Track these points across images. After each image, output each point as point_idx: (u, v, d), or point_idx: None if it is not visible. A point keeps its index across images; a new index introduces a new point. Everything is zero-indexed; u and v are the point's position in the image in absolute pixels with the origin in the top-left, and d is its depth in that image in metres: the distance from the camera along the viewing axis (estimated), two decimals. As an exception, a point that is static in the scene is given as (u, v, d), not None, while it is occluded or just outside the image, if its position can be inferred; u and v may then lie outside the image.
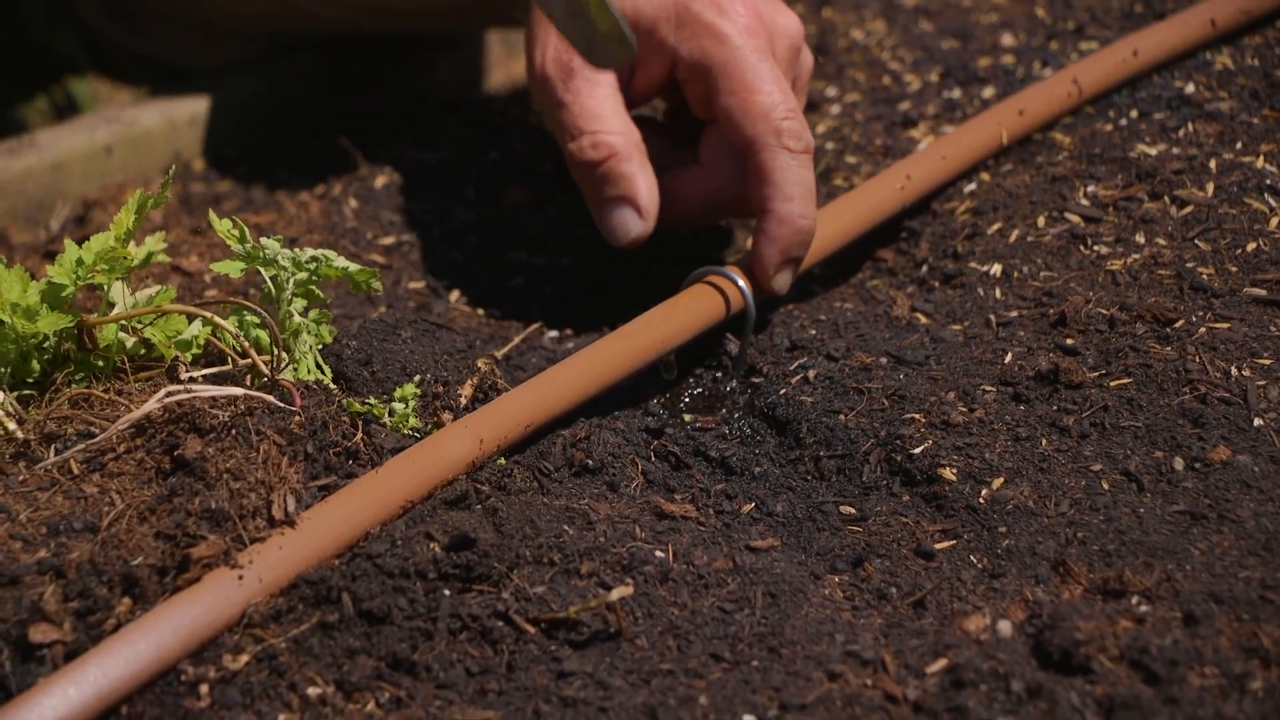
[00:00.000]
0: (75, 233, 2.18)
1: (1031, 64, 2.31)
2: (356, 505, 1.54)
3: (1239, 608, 1.50)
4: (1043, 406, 1.75)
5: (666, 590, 1.51)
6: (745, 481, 1.73)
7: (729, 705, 1.42)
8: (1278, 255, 1.90)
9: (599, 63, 1.80)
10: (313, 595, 1.47)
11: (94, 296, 1.90)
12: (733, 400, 1.86)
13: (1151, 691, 1.42)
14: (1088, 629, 1.47)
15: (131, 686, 1.41)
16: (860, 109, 2.29)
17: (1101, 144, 2.09)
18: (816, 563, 1.61)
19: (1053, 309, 1.86)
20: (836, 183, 2.14)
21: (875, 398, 1.78)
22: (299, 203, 2.13)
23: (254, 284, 1.89)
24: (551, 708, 1.41)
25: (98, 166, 2.34)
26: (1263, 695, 1.42)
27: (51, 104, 3.14)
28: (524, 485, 1.63)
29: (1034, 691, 1.43)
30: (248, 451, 1.54)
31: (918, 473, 1.69)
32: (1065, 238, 1.96)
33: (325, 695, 1.42)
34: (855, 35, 2.47)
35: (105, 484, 1.54)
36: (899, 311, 1.91)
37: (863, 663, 1.46)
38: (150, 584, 1.47)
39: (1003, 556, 1.60)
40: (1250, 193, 1.99)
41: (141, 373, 1.69)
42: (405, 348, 1.83)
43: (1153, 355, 1.78)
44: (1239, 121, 2.11)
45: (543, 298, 2.00)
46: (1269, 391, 1.73)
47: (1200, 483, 1.65)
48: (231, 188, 2.31)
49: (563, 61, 1.94)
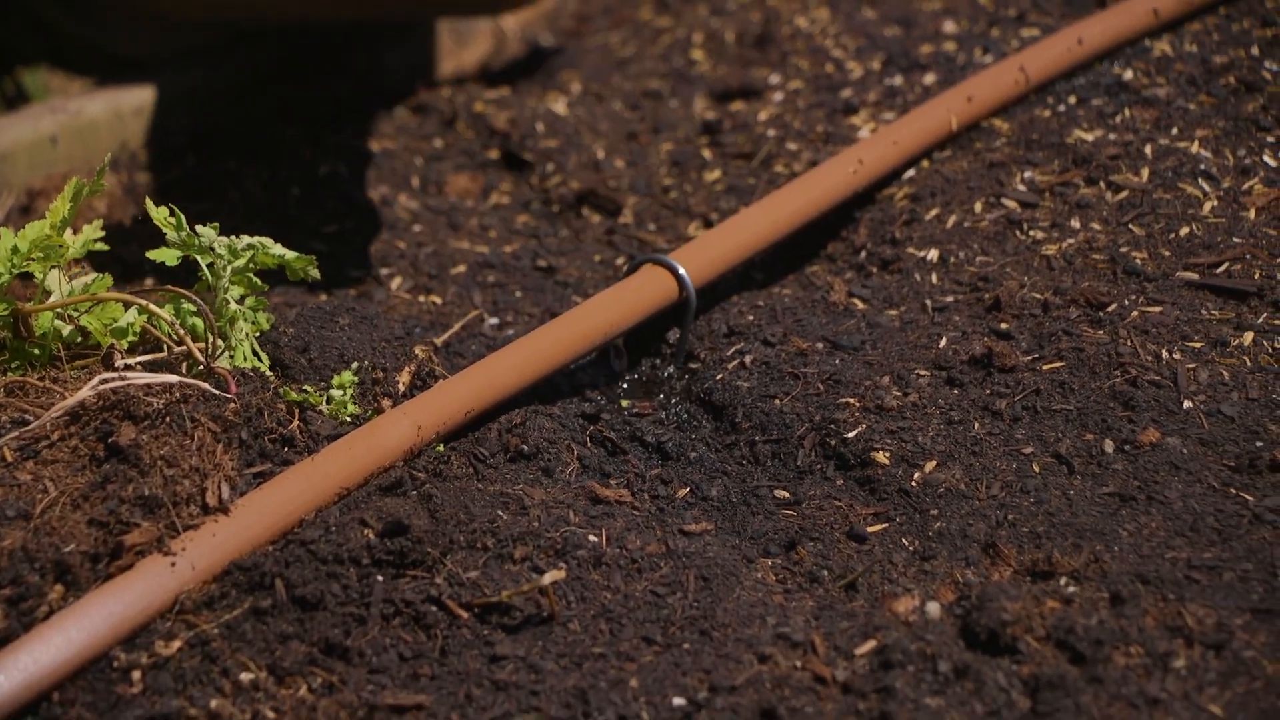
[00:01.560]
0: (20, 222, 2.18)
1: (973, 51, 2.31)
2: (291, 492, 1.54)
3: (1165, 588, 1.51)
4: (976, 390, 1.76)
5: (599, 574, 1.52)
6: (681, 466, 1.74)
7: (659, 688, 1.42)
8: (1210, 239, 1.90)
9: None
10: (246, 581, 1.48)
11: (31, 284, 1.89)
12: (670, 386, 1.87)
13: (1077, 671, 1.43)
14: (1015, 610, 1.48)
15: (64, 673, 1.41)
16: (802, 96, 2.29)
17: (1040, 130, 2.10)
18: (750, 546, 1.62)
19: (988, 294, 1.87)
20: (778, 169, 2.15)
21: (811, 382, 1.79)
22: (244, 191, 2.13)
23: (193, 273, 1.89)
24: (483, 691, 1.42)
25: (43, 156, 2.33)
26: (1186, 673, 1.43)
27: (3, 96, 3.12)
28: (460, 471, 1.63)
29: (961, 672, 1.44)
30: (182, 438, 1.54)
31: (851, 457, 1.70)
32: (1002, 223, 1.96)
33: (258, 680, 1.42)
34: (799, 23, 2.47)
35: (39, 471, 1.53)
36: (836, 297, 1.92)
37: (793, 645, 1.47)
38: (83, 571, 1.47)
39: (934, 539, 1.61)
40: (1185, 178, 1.99)
41: (78, 360, 1.69)
42: (343, 335, 1.83)
43: (1085, 339, 1.79)
44: (1176, 107, 2.12)
45: (484, 284, 2.00)
46: (1199, 374, 1.74)
47: (1130, 465, 1.65)
48: (177, 177, 2.31)
49: None
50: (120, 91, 2.45)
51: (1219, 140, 2.06)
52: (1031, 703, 1.41)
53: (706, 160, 2.19)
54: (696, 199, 2.13)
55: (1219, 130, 2.07)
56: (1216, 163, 2.02)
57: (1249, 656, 1.44)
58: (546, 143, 2.22)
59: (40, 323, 1.69)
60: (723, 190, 2.13)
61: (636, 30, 2.64)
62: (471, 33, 2.87)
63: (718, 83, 2.35)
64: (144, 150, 2.41)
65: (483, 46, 2.85)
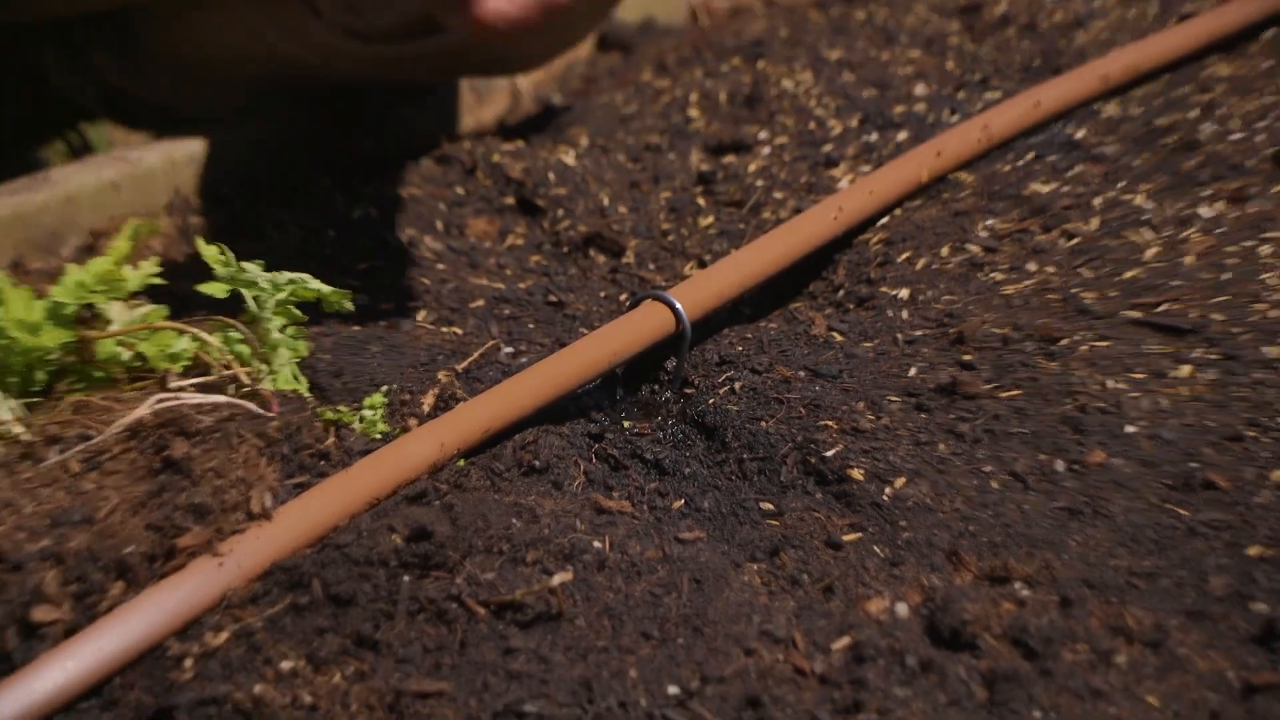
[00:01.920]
0: (85, 259, 2.19)
1: (942, 111, 2.34)
2: (327, 501, 1.55)
3: (1109, 592, 1.53)
4: (942, 415, 1.77)
5: (603, 576, 1.53)
6: (676, 480, 1.75)
7: (656, 678, 1.44)
8: (1152, 282, 1.92)
9: None
10: (286, 580, 1.49)
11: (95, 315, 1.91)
12: (667, 409, 1.88)
13: (1030, 665, 1.45)
14: (974, 611, 1.50)
15: (123, 661, 1.43)
16: (788, 150, 2.31)
17: (1000, 183, 2.12)
18: (738, 552, 1.63)
19: (953, 328, 1.89)
20: (765, 215, 2.17)
21: (794, 407, 1.80)
22: (284, 233, 2.15)
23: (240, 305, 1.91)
24: (499, 680, 1.43)
25: (106, 200, 2.35)
26: (1126, 668, 1.44)
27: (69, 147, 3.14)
28: (478, 484, 1.65)
29: (926, 665, 1.45)
30: (229, 452, 1.55)
31: (829, 473, 1.72)
32: (966, 266, 1.98)
33: (297, 668, 1.44)
34: (785, 85, 2.49)
35: (101, 481, 1.55)
36: (817, 330, 1.94)
37: (776, 640, 1.48)
38: (141, 570, 1.48)
39: (903, 547, 1.62)
40: (1129, 226, 2.01)
41: (136, 382, 1.70)
42: (374, 361, 1.84)
43: (1040, 370, 1.80)
44: (1122, 164, 2.14)
45: (501, 317, 2.02)
46: (1141, 402, 1.75)
47: (1078, 482, 1.67)
48: (225, 220, 2.33)
49: None
50: (174, 144, 2.47)
51: (1161, 193, 2.07)
52: (989, 693, 1.43)
53: (701, 207, 2.21)
54: (692, 242, 2.14)
55: (1161, 185, 2.09)
56: (1158, 214, 2.04)
57: (1182, 654, 1.46)
58: (557, 190, 2.24)
59: (102, 348, 1.70)
60: (715, 234, 2.15)
61: (638, 90, 2.66)
62: (490, 91, 2.89)
63: (711, 138, 2.37)
64: (195, 196, 2.43)
65: (500, 104, 2.87)
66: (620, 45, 3.11)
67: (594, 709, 1.41)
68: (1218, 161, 2.12)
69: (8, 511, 1.51)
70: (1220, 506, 1.63)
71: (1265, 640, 1.47)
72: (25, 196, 2.29)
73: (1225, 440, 1.71)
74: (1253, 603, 1.52)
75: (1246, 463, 1.68)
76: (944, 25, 2.66)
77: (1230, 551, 1.58)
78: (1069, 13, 2.59)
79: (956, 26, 2.65)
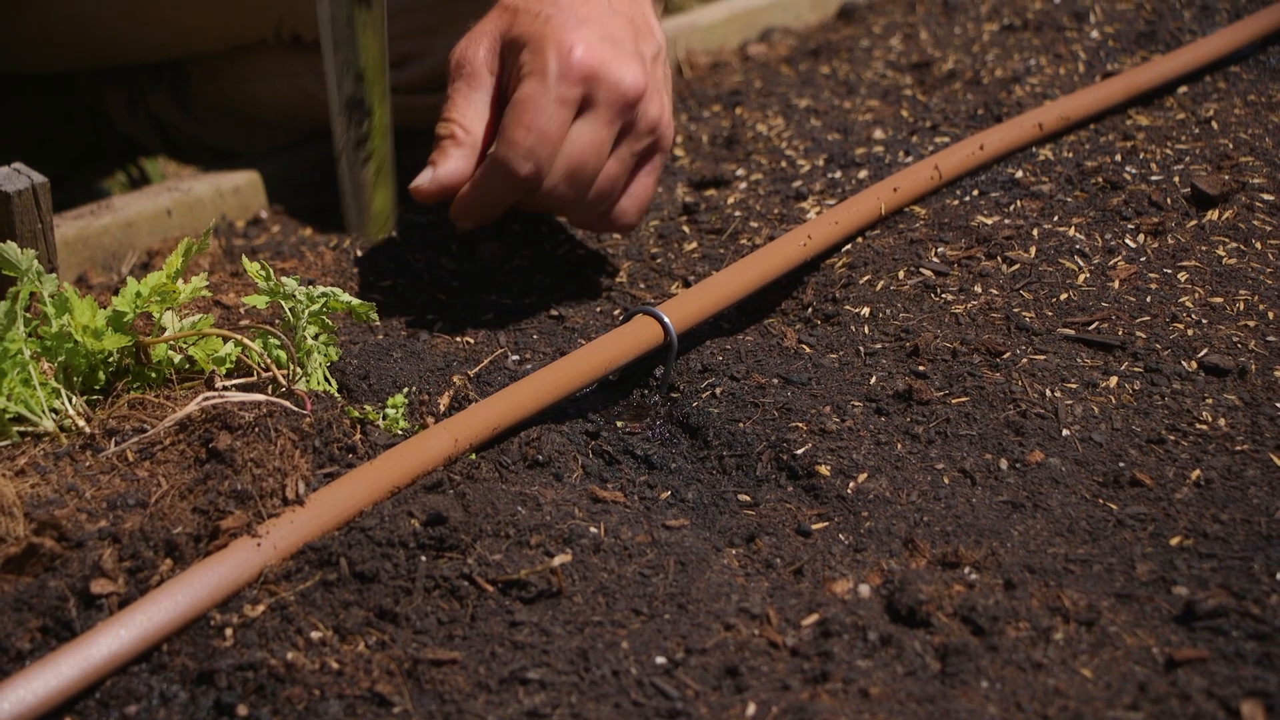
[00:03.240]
0: (141, 275, 2.17)
1: (897, 153, 2.32)
2: (354, 489, 1.53)
3: (1047, 576, 1.51)
4: (899, 418, 1.75)
5: (598, 558, 1.51)
6: (663, 474, 1.73)
7: (645, 649, 1.41)
8: (1084, 303, 1.90)
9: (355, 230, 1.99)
10: (317, 559, 1.47)
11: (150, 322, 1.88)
12: (655, 411, 1.86)
13: (978, 641, 1.43)
14: (929, 592, 1.48)
15: (171, 629, 1.40)
16: (762, 185, 2.29)
17: (950, 215, 2.10)
18: (718, 538, 1.61)
19: (909, 342, 1.87)
20: (743, 242, 2.14)
21: (768, 410, 1.78)
22: (317, 253, 2.12)
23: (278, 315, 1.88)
24: (505, 649, 1.41)
25: (160, 225, 2.33)
26: (1063, 644, 1.42)
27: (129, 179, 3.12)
28: (488, 475, 1.62)
29: (886, 640, 1.43)
30: (268, 445, 1.53)
31: (800, 469, 1.69)
32: (920, 287, 1.96)
33: (325, 638, 1.41)
34: (760, 128, 2.47)
35: (154, 469, 1.53)
36: (788, 343, 1.91)
37: (751, 617, 1.46)
38: (187, 548, 1.46)
39: (865, 535, 1.60)
40: (1063, 255, 2.00)
41: (185, 383, 1.68)
42: (396, 366, 1.82)
43: (985, 379, 1.79)
44: (1056, 200, 2.12)
45: (508, 329, 2.00)
46: (1075, 409, 1.73)
47: (1020, 479, 1.65)
48: (265, 242, 2.30)
49: (463, 61, 1.91)
50: (221, 175, 2.45)
51: (1090, 226, 2.06)
52: (942, 665, 1.41)
53: (686, 234, 2.19)
54: (678, 264, 2.12)
55: (1090, 218, 2.07)
56: (1088, 243, 2.02)
57: (1113, 631, 1.44)
58: (558, 219, 2.22)
59: (157, 352, 1.68)
60: (699, 258, 2.13)
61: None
62: (500, 132, 2.86)
63: (695, 174, 2.35)
64: (239, 221, 2.40)
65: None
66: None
67: (590, 676, 1.38)
68: (1139, 199, 2.10)
69: (71, 496, 1.49)
70: (1145, 501, 1.61)
71: (1186, 620, 1.45)
72: (89, 220, 2.27)
73: (1149, 443, 1.69)
74: (1175, 586, 1.50)
75: (1168, 463, 1.66)
76: (899, 79, 2.64)
77: (1154, 541, 1.56)
78: (1008, 70, 2.58)
79: (910, 80, 2.63)
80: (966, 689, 1.37)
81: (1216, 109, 2.35)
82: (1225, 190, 2.10)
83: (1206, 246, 2.00)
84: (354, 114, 1.99)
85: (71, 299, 1.61)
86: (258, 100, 2.57)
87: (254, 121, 2.63)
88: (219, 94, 2.60)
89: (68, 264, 2.20)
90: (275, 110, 2.57)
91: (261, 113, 2.59)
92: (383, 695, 1.36)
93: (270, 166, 2.51)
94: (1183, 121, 2.33)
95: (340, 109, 1.99)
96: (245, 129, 2.66)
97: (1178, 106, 2.38)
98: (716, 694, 1.37)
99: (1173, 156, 2.21)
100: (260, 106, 2.58)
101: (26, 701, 1.31)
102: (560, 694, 1.36)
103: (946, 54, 2.68)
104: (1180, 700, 1.35)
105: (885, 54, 2.76)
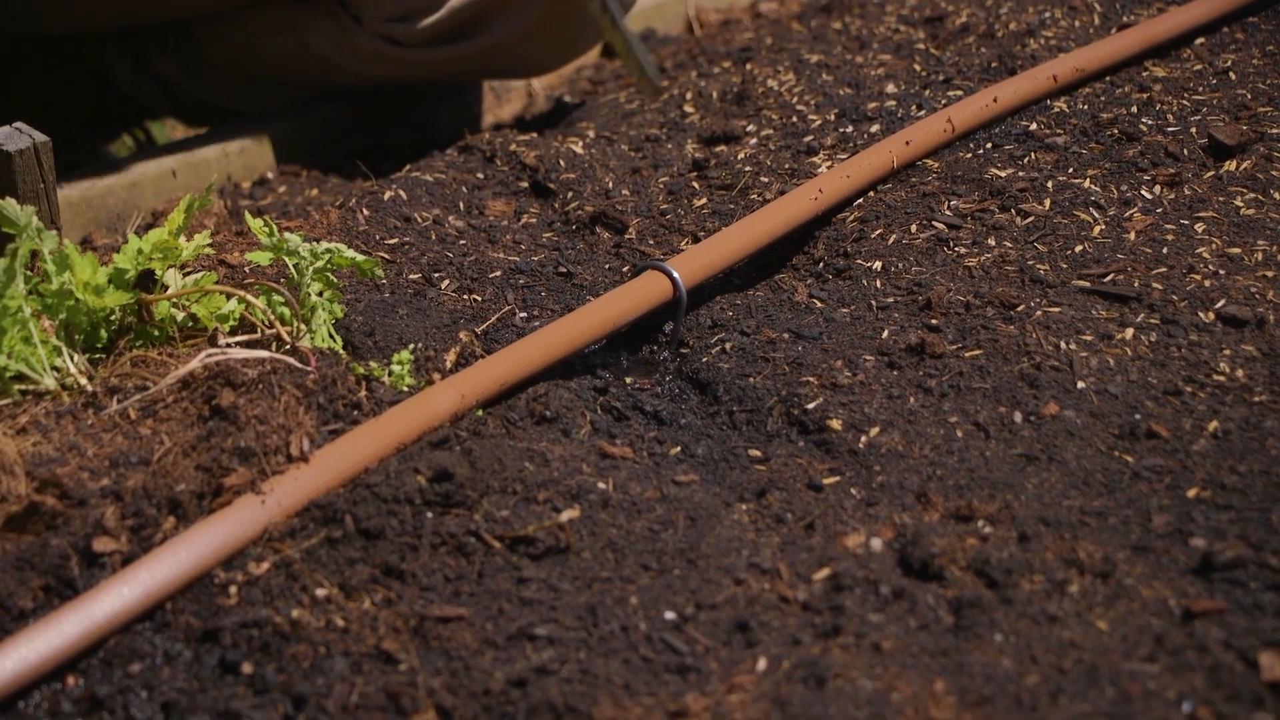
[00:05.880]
0: (145, 237, 2.15)
1: (910, 107, 2.29)
2: (359, 445, 1.52)
3: (1062, 529, 1.49)
4: (911, 372, 1.73)
5: (607, 514, 1.49)
6: (673, 430, 1.71)
7: (654, 604, 1.40)
8: (1099, 255, 1.88)
9: None
10: (321, 516, 1.45)
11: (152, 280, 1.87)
12: (665, 366, 1.84)
13: (992, 594, 1.41)
14: (942, 545, 1.46)
15: (175, 587, 1.40)
16: (773, 141, 2.26)
17: (963, 169, 2.08)
18: (728, 494, 1.59)
19: (921, 296, 1.85)
20: (753, 197, 2.12)
21: (778, 364, 1.76)
22: (323, 212, 2.10)
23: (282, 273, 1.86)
24: (513, 606, 1.39)
25: (165, 185, 2.31)
26: (1078, 596, 1.41)
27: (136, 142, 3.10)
28: (495, 431, 1.61)
29: (898, 594, 1.42)
30: (271, 402, 1.51)
31: (811, 424, 1.67)
32: (933, 241, 1.94)
33: (330, 595, 1.40)
34: (771, 84, 2.45)
35: (157, 427, 1.51)
36: (799, 298, 1.89)
37: (762, 571, 1.45)
38: (191, 506, 1.45)
39: (877, 490, 1.58)
40: (1078, 207, 1.97)
41: (189, 340, 1.67)
42: (402, 322, 1.81)
43: (999, 332, 1.76)
44: (1071, 152, 2.09)
45: (516, 286, 1.98)
46: (1090, 361, 1.71)
47: (1034, 432, 1.63)
48: (271, 202, 2.28)
49: None
50: (226, 135, 2.43)
51: (1105, 178, 2.03)
52: (955, 618, 1.39)
53: (695, 190, 2.16)
54: (687, 220, 2.10)
55: (1105, 170, 2.05)
56: (1104, 195, 1.99)
57: (1129, 584, 1.42)
58: (567, 175, 2.20)
59: (159, 310, 1.66)
60: (708, 214, 2.11)
61: (639, 90, 2.61)
62: (508, 92, 2.85)
63: (705, 130, 2.33)
64: (244, 181, 2.39)
65: (517, 103, 2.83)
66: (624, 53, 3.05)
67: (598, 632, 1.37)
68: (1156, 150, 2.07)
69: (73, 454, 1.48)
70: (1162, 453, 1.59)
71: (1203, 572, 1.43)
72: (93, 182, 2.26)
73: (1165, 394, 1.67)
74: (1192, 538, 1.48)
75: (1185, 414, 1.64)
76: (911, 34, 2.61)
77: (1171, 493, 1.54)
78: (1022, 23, 2.54)
79: (922, 35, 2.60)
80: (980, 642, 1.36)
81: (1234, 59, 2.32)
82: (1243, 140, 2.07)
83: (1224, 197, 1.98)
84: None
85: (72, 256, 1.59)
86: (264, 59, 2.55)
87: (261, 81, 2.61)
88: (225, 54, 2.58)
89: (72, 225, 2.18)
90: (282, 69, 2.55)
91: (268, 72, 2.57)
92: (389, 652, 1.35)
93: (277, 127, 2.49)
94: (1200, 72, 2.30)
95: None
96: (252, 89, 2.64)
97: (1195, 57, 2.35)
98: (727, 649, 1.36)
99: (1190, 107, 2.18)
100: (267, 66, 2.56)
101: (29, 660, 1.31)
102: (568, 650, 1.35)
103: (960, 8, 2.65)
104: (1197, 652, 1.33)
105: (898, 8, 2.73)
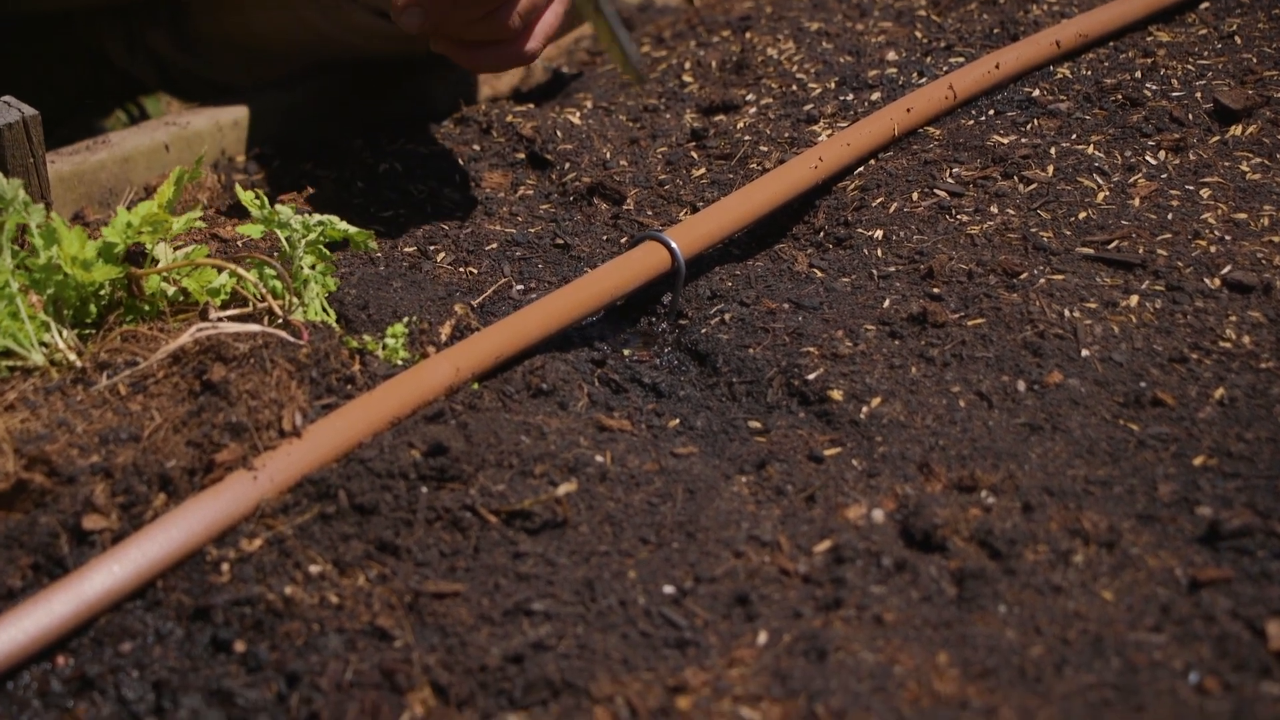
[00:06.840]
0: (138, 212, 2.13)
1: (911, 74, 2.26)
2: (352, 420, 1.50)
3: (1067, 499, 1.47)
4: (913, 341, 1.71)
5: (604, 487, 1.48)
6: (672, 402, 1.69)
7: (653, 578, 1.39)
8: (1103, 222, 1.86)
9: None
10: (315, 492, 1.44)
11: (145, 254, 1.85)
12: (663, 338, 1.83)
13: (995, 565, 1.40)
14: (944, 515, 1.44)
15: (166, 565, 1.38)
16: (772, 109, 2.24)
17: (965, 136, 2.05)
18: (728, 466, 1.58)
19: (923, 265, 1.83)
20: (752, 166, 2.10)
21: (778, 335, 1.74)
22: (318, 187, 2.08)
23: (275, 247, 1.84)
24: (509, 581, 1.38)
25: (158, 159, 2.29)
26: (1083, 566, 1.39)
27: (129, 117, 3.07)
28: (491, 405, 1.59)
29: (900, 565, 1.40)
30: (263, 376, 1.50)
31: (811, 395, 1.66)
32: (934, 209, 1.92)
33: (324, 572, 1.39)
34: (770, 52, 2.42)
35: (147, 402, 1.50)
36: (799, 268, 1.87)
37: (762, 544, 1.43)
38: (182, 483, 1.43)
39: (878, 460, 1.56)
40: (1082, 173, 1.95)
41: (179, 315, 1.65)
42: (396, 295, 1.79)
43: (1002, 300, 1.75)
44: (1074, 118, 2.07)
45: (512, 258, 1.96)
46: (1094, 329, 1.69)
47: (1038, 401, 1.61)
48: (264, 176, 2.26)
49: None
50: (219, 109, 2.40)
51: (1109, 144, 2.01)
52: (958, 590, 1.38)
53: (694, 160, 2.14)
54: (685, 190, 2.08)
55: (1109, 136, 2.03)
56: (1107, 161, 1.97)
57: (1134, 553, 1.41)
58: (564, 146, 2.18)
59: (149, 284, 1.65)
60: (707, 184, 2.09)
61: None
62: (504, 65, 2.81)
63: (704, 100, 2.30)
64: (238, 156, 2.37)
65: (514, 74, 2.80)
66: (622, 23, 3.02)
67: (596, 607, 1.36)
68: (1160, 115, 2.05)
69: (61, 430, 1.46)
70: (1167, 421, 1.58)
71: (1209, 540, 1.42)
72: (85, 156, 2.23)
73: (1171, 362, 1.65)
74: (1198, 507, 1.46)
75: (1190, 382, 1.62)
76: (912, 1, 2.58)
77: (1177, 461, 1.52)
78: (1024, -12, 2.52)
79: (924, 1, 2.57)
80: (984, 613, 1.34)
81: (1240, 23, 2.29)
82: (1249, 105, 2.04)
83: (1229, 162, 1.96)
84: None
85: (60, 230, 1.57)
86: (257, 33, 2.53)
87: (254, 55, 2.59)
88: (217, 28, 2.56)
89: (64, 200, 2.16)
90: (275, 43, 2.52)
91: (261, 46, 2.55)
92: (384, 629, 1.34)
93: (271, 101, 2.47)
94: (1205, 37, 2.27)
95: None
96: (246, 63, 2.62)
97: (1200, 22, 2.32)
98: (726, 622, 1.35)
99: (1194, 72, 2.16)
100: (260, 39, 2.54)
101: (18, 640, 1.29)
102: (565, 625, 1.34)
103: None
104: (1204, 621, 1.31)
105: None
